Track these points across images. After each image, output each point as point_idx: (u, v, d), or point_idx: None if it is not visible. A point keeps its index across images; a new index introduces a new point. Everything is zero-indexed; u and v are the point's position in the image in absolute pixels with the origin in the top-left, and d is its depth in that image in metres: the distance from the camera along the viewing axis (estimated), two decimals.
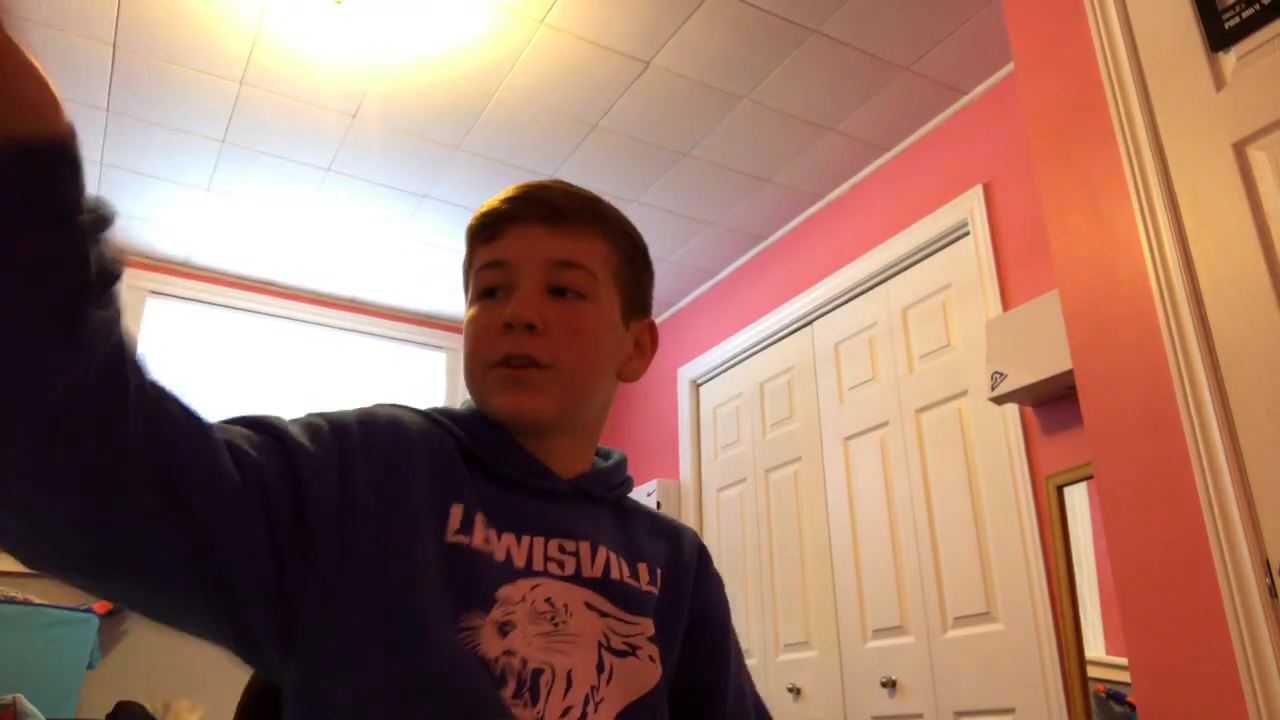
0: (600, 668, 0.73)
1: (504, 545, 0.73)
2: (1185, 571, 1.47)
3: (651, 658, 0.77)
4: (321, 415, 0.71)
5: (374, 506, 0.67)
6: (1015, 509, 2.42)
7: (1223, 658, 1.39)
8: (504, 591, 0.70)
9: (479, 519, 0.72)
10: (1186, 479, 1.49)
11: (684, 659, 0.83)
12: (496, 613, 0.69)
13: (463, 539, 0.71)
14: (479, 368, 0.78)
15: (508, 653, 0.68)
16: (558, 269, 0.78)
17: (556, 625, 0.72)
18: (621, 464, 0.88)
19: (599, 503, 0.84)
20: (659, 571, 0.83)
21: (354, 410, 0.74)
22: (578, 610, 0.74)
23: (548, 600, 0.72)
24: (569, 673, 0.70)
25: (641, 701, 0.74)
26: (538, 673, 0.69)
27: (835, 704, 2.87)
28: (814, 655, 3.00)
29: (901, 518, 2.79)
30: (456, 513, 0.71)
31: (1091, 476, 2.17)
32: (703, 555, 0.91)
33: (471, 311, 0.80)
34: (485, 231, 0.80)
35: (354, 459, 0.68)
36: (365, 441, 0.70)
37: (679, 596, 0.85)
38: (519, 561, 0.73)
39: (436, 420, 0.78)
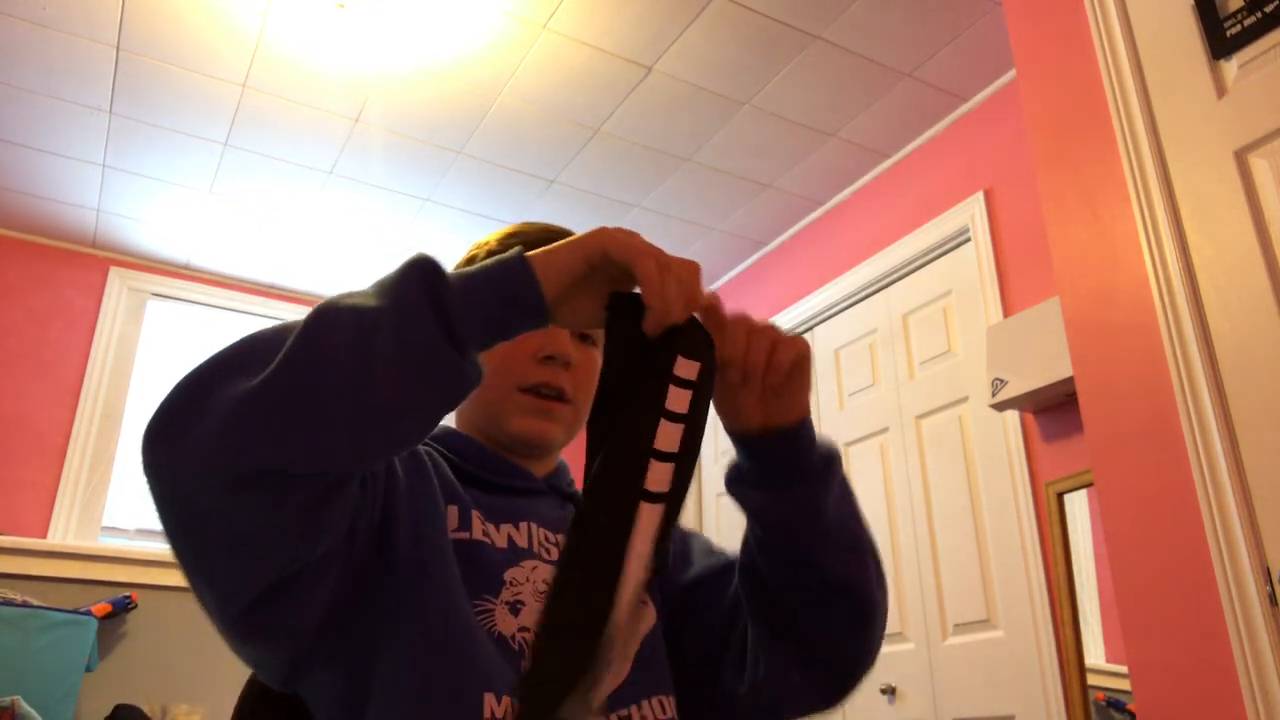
0: None
1: (503, 533, 0.80)
2: (1185, 579, 1.47)
3: (643, 600, 0.85)
4: None
5: (408, 510, 0.74)
6: (1015, 516, 2.41)
7: (1223, 665, 1.39)
8: (510, 574, 0.77)
9: (475, 515, 0.79)
10: (1187, 486, 1.49)
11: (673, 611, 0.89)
12: (506, 594, 0.75)
13: (463, 535, 0.77)
14: (504, 388, 0.84)
15: (523, 629, 0.74)
16: None
17: None
18: (566, 466, 0.96)
19: (564, 497, 0.92)
20: None
21: None
22: None
23: (545, 581, 0.78)
24: None
25: (650, 636, 0.82)
26: None
27: (834, 710, 2.86)
28: None
29: (901, 524, 2.78)
30: (452, 512, 0.78)
31: (1092, 483, 2.17)
32: None
33: None
34: None
35: (396, 482, 0.76)
36: (403, 466, 0.77)
37: None
38: (520, 543, 0.80)
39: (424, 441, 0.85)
